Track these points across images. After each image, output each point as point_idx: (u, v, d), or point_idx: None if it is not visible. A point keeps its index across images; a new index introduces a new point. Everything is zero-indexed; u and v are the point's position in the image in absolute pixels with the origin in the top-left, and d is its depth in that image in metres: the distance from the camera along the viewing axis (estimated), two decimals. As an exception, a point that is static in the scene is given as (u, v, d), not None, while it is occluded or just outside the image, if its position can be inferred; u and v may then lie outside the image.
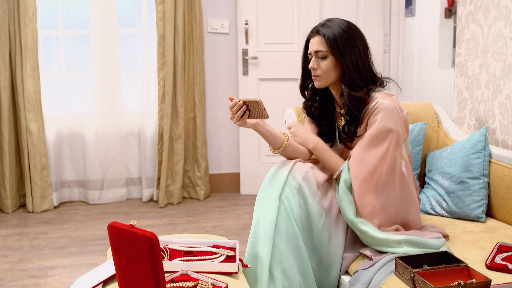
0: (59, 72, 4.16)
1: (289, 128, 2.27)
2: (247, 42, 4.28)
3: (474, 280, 1.65)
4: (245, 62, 4.30)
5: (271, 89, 4.30)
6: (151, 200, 4.32)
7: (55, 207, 4.13)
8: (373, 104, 2.04)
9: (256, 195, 4.34)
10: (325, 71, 2.08)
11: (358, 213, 2.01)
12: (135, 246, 1.46)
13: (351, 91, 2.04)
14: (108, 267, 1.93)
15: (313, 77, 2.12)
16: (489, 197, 2.37)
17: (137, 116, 4.30)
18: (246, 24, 4.24)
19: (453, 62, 7.12)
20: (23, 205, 4.14)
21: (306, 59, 2.18)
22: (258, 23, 4.26)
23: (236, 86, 4.40)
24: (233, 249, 1.98)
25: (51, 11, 4.07)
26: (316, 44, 2.08)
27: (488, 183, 2.37)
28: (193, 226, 3.72)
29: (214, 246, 1.98)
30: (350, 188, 2.02)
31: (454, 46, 7.14)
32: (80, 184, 4.28)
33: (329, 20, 2.10)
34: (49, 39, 4.11)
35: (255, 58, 4.27)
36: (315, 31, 2.11)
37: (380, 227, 1.99)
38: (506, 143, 2.63)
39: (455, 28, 7.06)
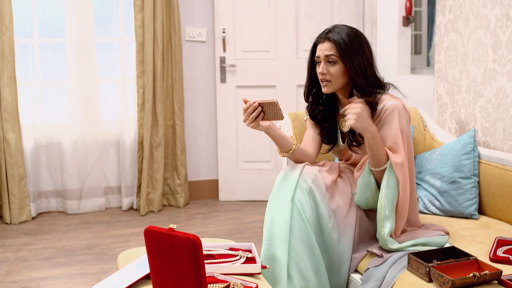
0: (35, 80, 4.10)
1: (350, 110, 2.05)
2: (224, 50, 4.33)
3: (487, 272, 1.76)
4: (222, 69, 4.35)
5: (248, 96, 4.31)
6: (131, 208, 4.30)
7: (33, 218, 4.06)
8: (381, 105, 2.12)
9: (235, 201, 4.46)
10: (334, 76, 2.13)
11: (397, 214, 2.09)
12: (176, 249, 1.50)
13: (363, 96, 2.11)
14: (127, 273, 1.94)
15: (321, 83, 2.17)
16: (479, 195, 2.51)
17: (115, 124, 4.28)
18: (224, 32, 4.30)
19: (412, 68, 7.40)
20: (-1, 217, 4.06)
21: (312, 64, 2.24)
22: (235, 31, 4.32)
23: (214, 94, 4.45)
24: (249, 251, 2.04)
25: (26, 19, 4.02)
26: (327, 49, 2.13)
27: (478, 182, 2.51)
28: (178, 233, 3.73)
29: (230, 249, 2.03)
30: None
31: (412, 53, 7.42)
32: (57, 194, 4.22)
33: (336, 26, 2.16)
34: (25, 47, 4.05)
35: (232, 65, 4.33)
36: (324, 37, 2.15)
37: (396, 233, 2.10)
38: (488, 144, 2.78)
39: (412, 36, 7.34)
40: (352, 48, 2.10)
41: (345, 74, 2.15)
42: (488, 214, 2.49)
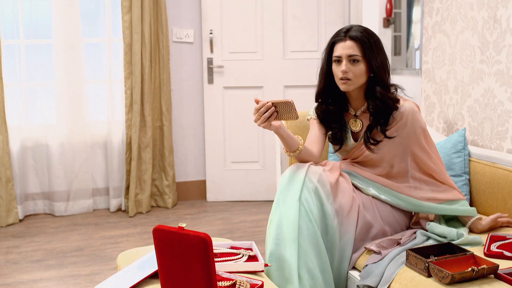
0: (21, 82, 4.07)
1: None
2: (211, 51, 4.35)
3: (485, 266, 1.81)
4: (210, 70, 4.37)
5: (235, 97, 4.40)
6: (119, 210, 4.29)
7: (20, 220, 4.03)
8: (402, 107, 2.20)
9: (222, 201, 4.48)
10: (356, 75, 2.17)
11: None
12: (186, 247, 1.51)
13: (387, 92, 2.17)
14: (130, 273, 1.95)
15: (341, 81, 2.19)
16: (470, 193, 2.58)
17: (103, 125, 4.27)
18: (211, 33, 4.32)
19: (392, 69, 7.52)
20: (-15, 220, 4.01)
21: (328, 63, 2.25)
22: (223, 32, 4.34)
23: (201, 95, 4.46)
24: (250, 249, 2.06)
25: (12, 20, 3.98)
26: (350, 48, 2.15)
27: (469, 180, 2.57)
28: (168, 233, 3.74)
29: (232, 248, 2.05)
30: None
31: (392, 55, 7.53)
32: (45, 196, 4.19)
33: (353, 26, 2.20)
34: (11, 48, 4.01)
35: (220, 67, 4.35)
36: (346, 36, 2.18)
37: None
38: (476, 143, 2.85)
39: (392, 37, 7.45)
40: (374, 46, 2.16)
41: (366, 73, 2.19)
42: (479, 211, 2.54)
